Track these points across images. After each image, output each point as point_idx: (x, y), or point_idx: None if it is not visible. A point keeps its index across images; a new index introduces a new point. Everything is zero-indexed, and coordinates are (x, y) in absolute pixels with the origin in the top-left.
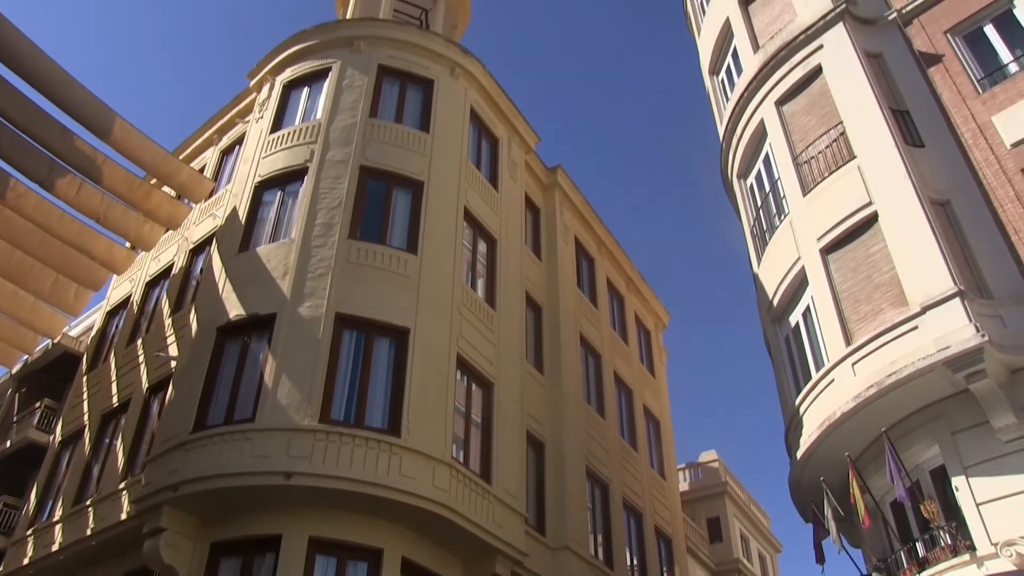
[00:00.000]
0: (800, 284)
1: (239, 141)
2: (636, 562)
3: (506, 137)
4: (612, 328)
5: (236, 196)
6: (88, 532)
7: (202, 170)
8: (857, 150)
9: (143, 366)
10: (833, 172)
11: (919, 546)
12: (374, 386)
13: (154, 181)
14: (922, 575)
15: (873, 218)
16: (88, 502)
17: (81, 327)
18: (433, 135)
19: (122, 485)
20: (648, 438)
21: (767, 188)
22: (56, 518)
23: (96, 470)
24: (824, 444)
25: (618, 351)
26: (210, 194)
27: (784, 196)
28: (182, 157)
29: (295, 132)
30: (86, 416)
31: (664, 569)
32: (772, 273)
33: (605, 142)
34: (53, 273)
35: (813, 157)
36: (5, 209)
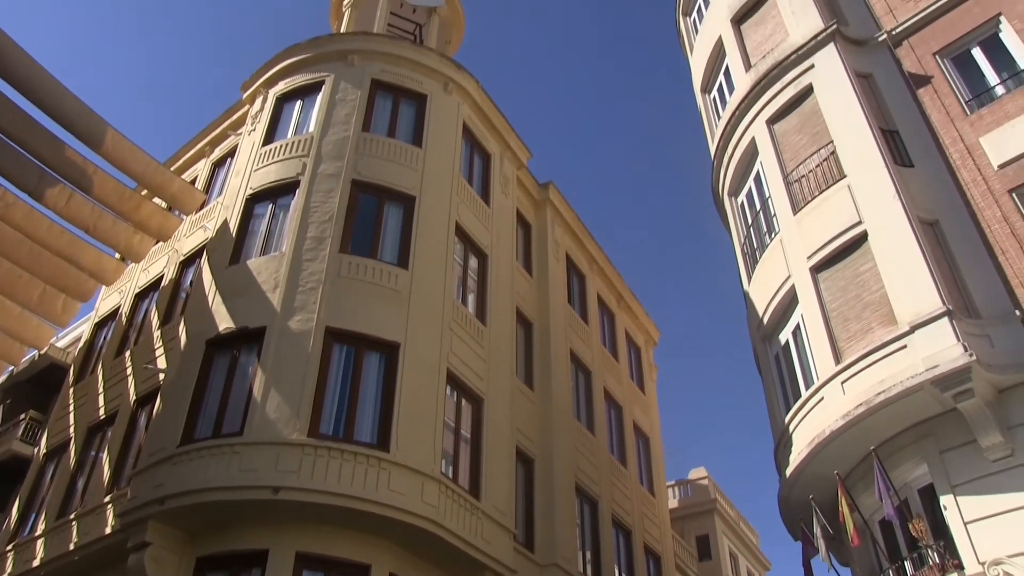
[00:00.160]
0: (790, 302)
1: (231, 153)
2: None
3: (498, 152)
4: (602, 344)
5: (227, 208)
6: (71, 547)
7: (194, 182)
8: (847, 169)
9: (131, 378)
10: (823, 191)
11: (907, 565)
12: (363, 400)
13: (145, 192)
14: None
15: (863, 237)
16: (72, 516)
17: (68, 338)
18: (425, 150)
19: (107, 499)
20: (638, 455)
21: (758, 206)
22: (38, 532)
23: (81, 483)
24: (813, 462)
25: (608, 367)
26: (201, 206)
27: (775, 214)
28: (174, 169)
29: (287, 145)
30: (72, 428)
31: None
32: (762, 291)
33: (597, 158)
34: (41, 284)
35: (804, 176)
36: None
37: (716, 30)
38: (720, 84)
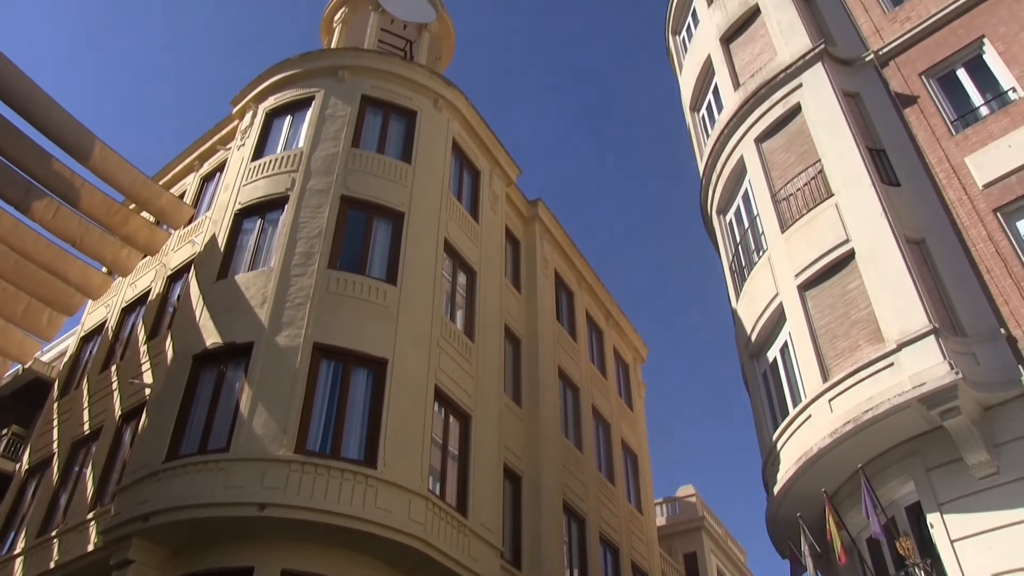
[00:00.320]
0: (778, 320)
1: (220, 168)
2: None
3: (488, 169)
4: (591, 361)
5: (216, 223)
6: (52, 565)
7: (182, 196)
8: (835, 188)
9: (116, 393)
10: (811, 209)
11: None
12: (351, 417)
13: (133, 206)
14: None
15: (850, 255)
16: (53, 533)
17: (53, 352)
18: (415, 166)
19: (90, 515)
20: (625, 472)
21: (746, 224)
22: (18, 550)
23: (64, 500)
24: (801, 480)
25: (596, 384)
26: (189, 220)
27: (763, 232)
28: (162, 183)
29: (277, 160)
30: (55, 444)
31: None
32: (750, 309)
33: (586, 175)
34: (26, 297)
35: (791, 194)
36: None
37: (705, 49)
38: (709, 102)
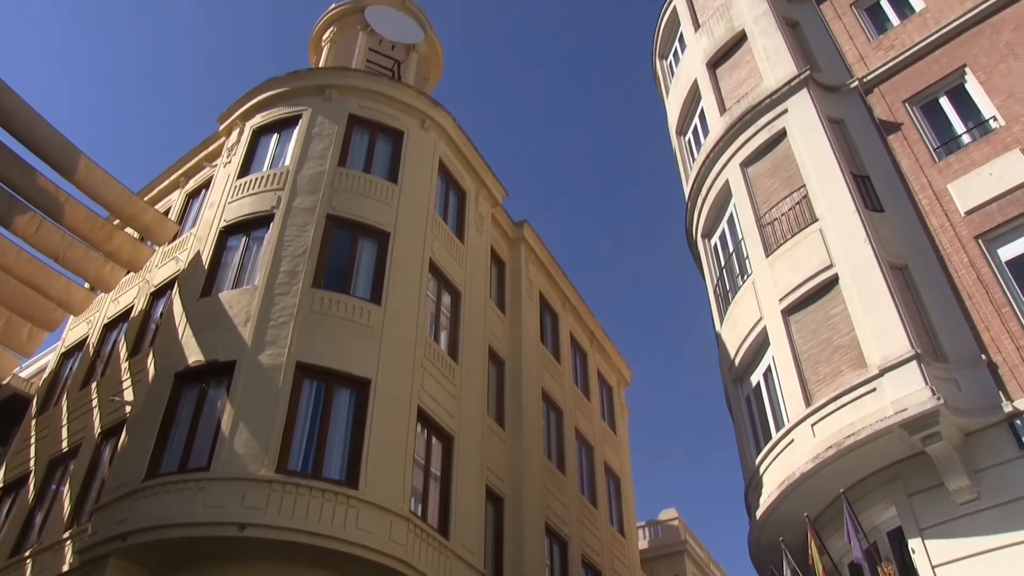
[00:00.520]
0: (762, 344)
1: (206, 185)
2: None
3: (474, 190)
4: (574, 384)
5: (200, 240)
6: None
7: (167, 213)
8: (819, 213)
9: (96, 410)
10: (795, 234)
11: None
12: (333, 437)
13: (117, 222)
14: None
15: (834, 281)
16: (27, 553)
17: (33, 368)
18: (401, 186)
19: (66, 535)
20: (608, 495)
21: (731, 248)
22: None
23: (39, 518)
24: (783, 504)
25: (580, 407)
26: (174, 237)
27: (747, 256)
28: (147, 199)
29: (263, 178)
30: (32, 461)
31: None
32: (734, 333)
33: (572, 198)
34: (6, 312)
35: (776, 219)
36: None
37: (692, 73)
38: (695, 126)
